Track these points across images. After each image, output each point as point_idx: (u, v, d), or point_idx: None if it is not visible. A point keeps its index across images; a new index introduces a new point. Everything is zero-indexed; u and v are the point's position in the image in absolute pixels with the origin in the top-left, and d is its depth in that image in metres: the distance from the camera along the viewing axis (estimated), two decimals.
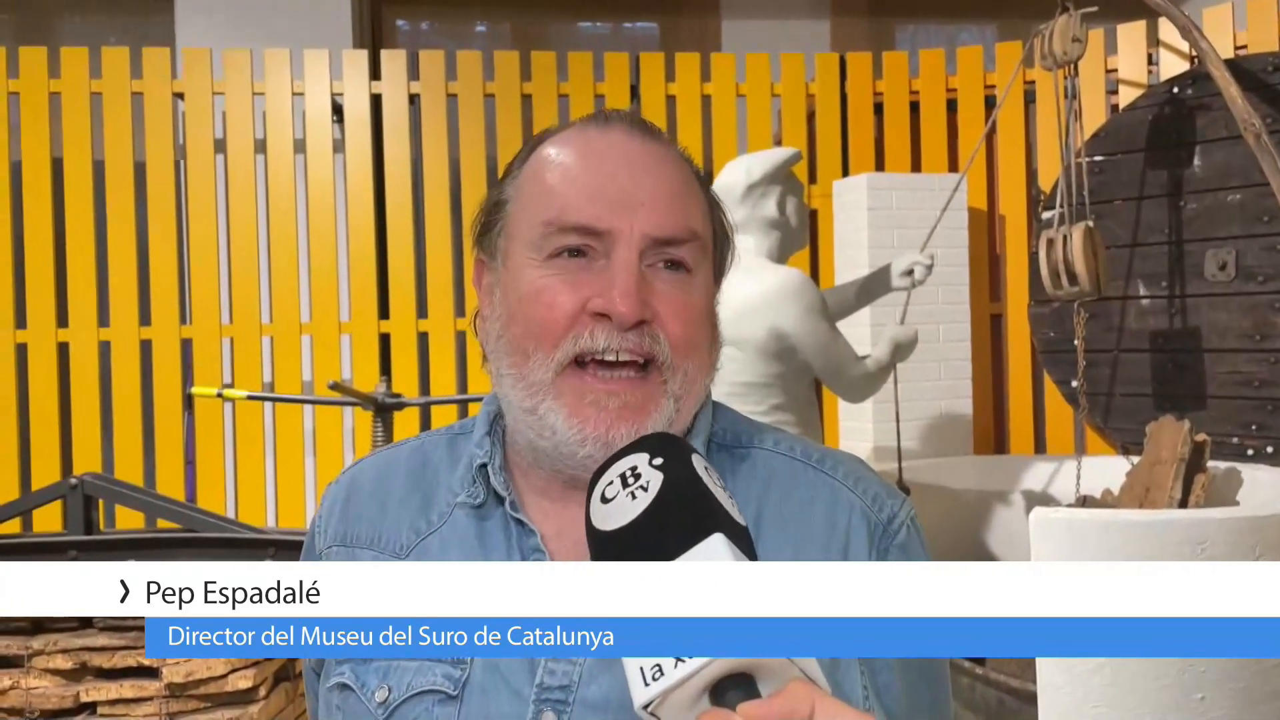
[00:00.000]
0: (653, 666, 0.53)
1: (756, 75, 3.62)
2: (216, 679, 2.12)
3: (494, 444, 0.80)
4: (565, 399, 0.73)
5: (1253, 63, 2.82)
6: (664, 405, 0.73)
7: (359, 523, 0.82)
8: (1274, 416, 2.78)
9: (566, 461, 0.74)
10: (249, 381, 3.44)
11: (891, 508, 0.79)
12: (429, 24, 4.82)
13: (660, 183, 0.75)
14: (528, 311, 0.74)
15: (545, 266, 0.74)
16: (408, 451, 0.86)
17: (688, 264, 0.75)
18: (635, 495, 0.61)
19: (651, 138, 0.78)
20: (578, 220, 0.73)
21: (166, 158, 3.48)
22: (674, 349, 0.73)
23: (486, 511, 0.78)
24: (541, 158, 0.77)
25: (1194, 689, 1.86)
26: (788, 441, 0.82)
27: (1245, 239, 2.85)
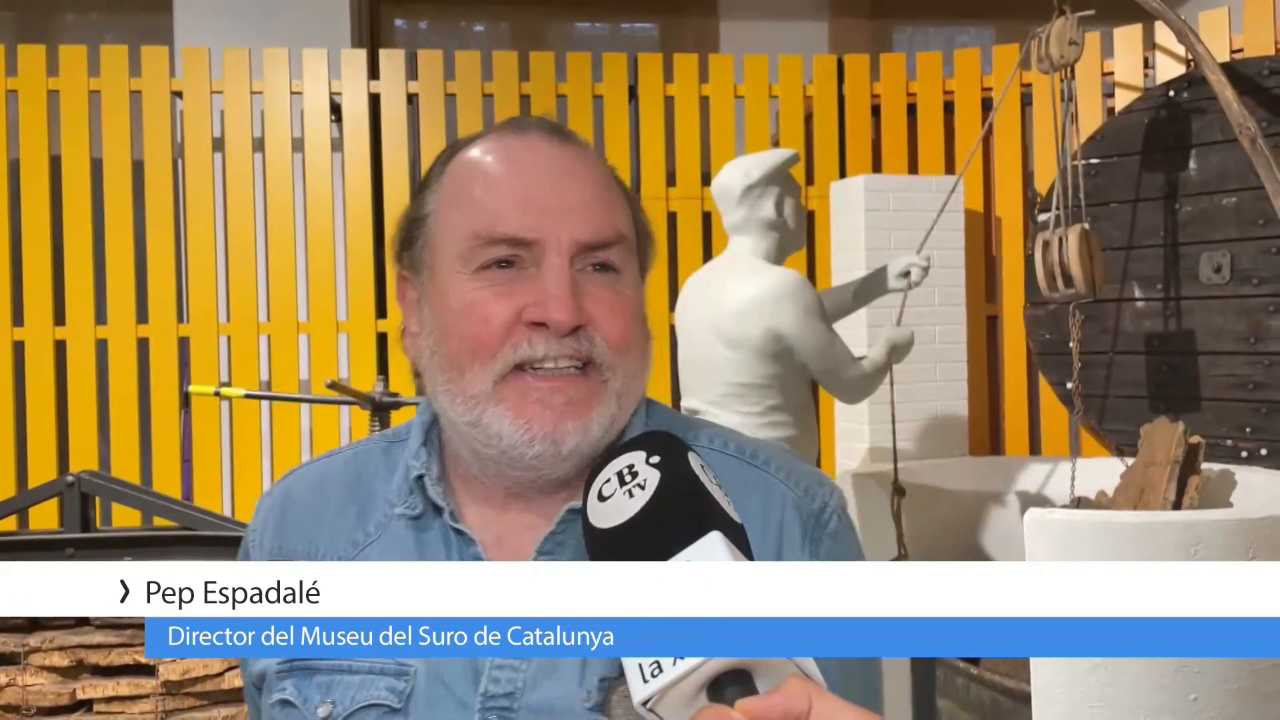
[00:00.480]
0: (651, 663, 0.53)
1: (754, 77, 3.63)
2: (213, 677, 2.13)
3: (430, 454, 0.79)
4: (508, 403, 0.72)
5: (1248, 66, 2.83)
6: (607, 400, 0.74)
7: (294, 536, 0.81)
8: (1268, 419, 2.79)
9: (515, 465, 0.74)
10: (246, 380, 3.44)
11: (822, 497, 0.80)
12: (427, 24, 4.82)
13: (584, 187, 0.75)
14: (461, 326, 0.73)
15: (475, 279, 0.73)
16: (342, 462, 0.85)
17: (616, 265, 0.75)
18: (633, 493, 0.61)
19: (569, 142, 0.77)
20: (506, 231, 0.73)
21: (165, 156, 3.48)
22: (611, 349, 0.74)
23: (425, 522, 0.78)
24: (461, 168, 0.77)
25: (1189, 690, 1.87)
26: (721, 437, 0.82)
27: (1240, 242, 2.86)
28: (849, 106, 3.65)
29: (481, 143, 0.78)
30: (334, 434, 3.47)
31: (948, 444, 3.35)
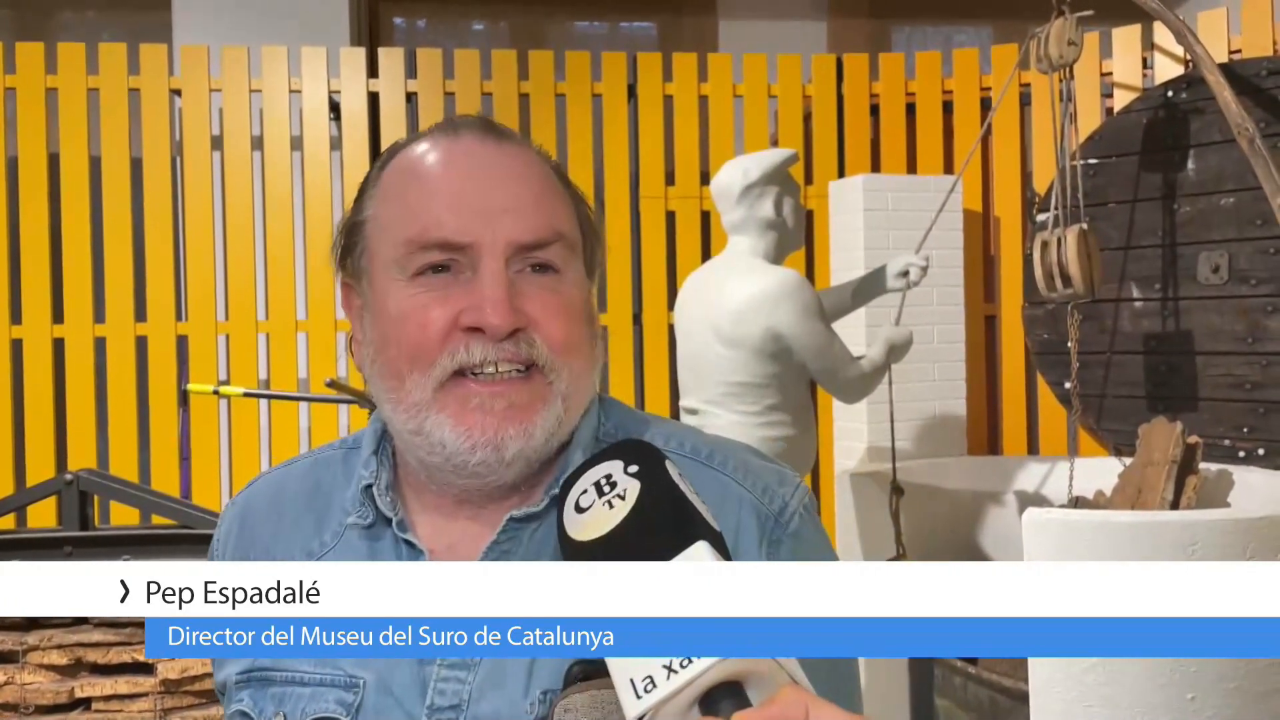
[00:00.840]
0: (644, 679, 0.53)
1: (754, 76, 3.63)
2: (211, 675, 2.13)
3: (380, 463, 0.78)
4: (449, 410, 0.71)
5: (1247, 67, 2.84)
6: (552, 403, 0.72)
7: (253, 545, 0.81)
8: (1266, 419, 2.80)
9: (459, 473, 0.73)
10: (245, 378, 3.44)
11: (783, 497, 0.78)
12: (426, 22, 4.82)
13: (519, 187, 0.73)
14: (398, 333, 0.72)
15: (411, 285, 0.72)
16: (301, 470, 0.84)
17: (556, 265, 0.74)
18: (612, 504, 0.60)
19: (505, 140, 0.76)
20: (439, 236, 0.71)
21: (163, 154, 3.48)
22: (553, 351, 0.72)
23: (377, 531, 0.77)
24: (395, 173, 0.76)
25: (1187, 689, 1.88)
26: (677, 437, 0.80)
27: (1238, 242, 2.87)
28: (848, 106, 3.66)
29: (415, 145, 0.76)
30: (332, 432, 3.47)
31: (946, 443, 3.35)
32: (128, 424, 3.43)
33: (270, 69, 3.50)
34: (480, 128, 0.76)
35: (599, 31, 4.89)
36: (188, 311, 3.50)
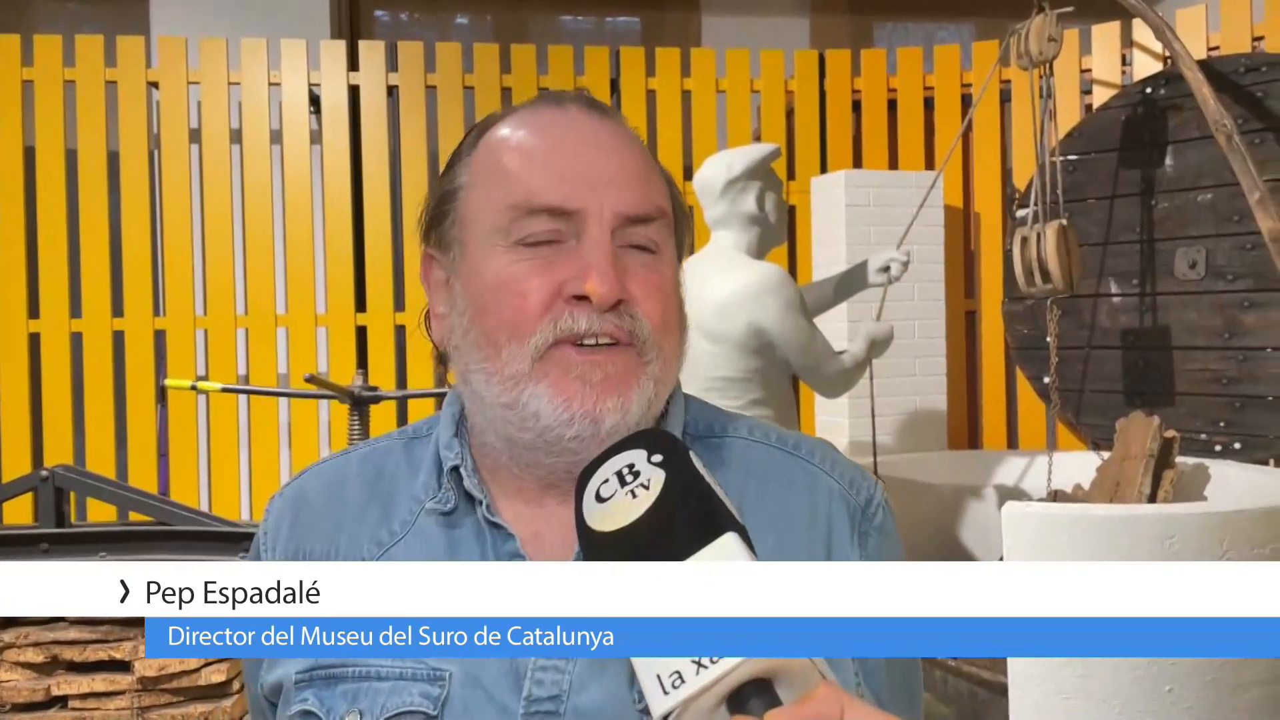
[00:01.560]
0: (671, 674, 0.51)
1: (736, 71, 3.63)
2: (189, 673, 2.11)
3: (464, 445, 0.76)
4: (549, 379, 0.69)
5: (1225, 64, 2.86)
6: (645, 382, 0.70)
7: (311, 538, 0.77)
8: (1242, 413, 2.82)
9: (552, 449, 0.71)
10: (223, 374, 3.41)
11: (867, 490, 0.78)
12: (408, 15, 4.79)
13: (625, 160, 0.72)
14: (499, 300, 0.70)
15: (513, 252, 0.70)
16: (358, 460, 0.81)
17: (657, 243, 0.73)
18: (636, 494, 0.58)
19: (607, 117, 0.75)
20: (547, 201, 0.70)
21: (140, 147, 3.44)
22: (653, 329, 0.71)
23: (457, 518, 0.74)
24: (496, 141, 0.74)
25: (1164, 681, 1.89)
26: (761, 429, 0.80)
27: (1215, 238, 2.89)
28: (830, 102, 3.66)
29: (517, 115, 0.75)
30: (312, 428, 3.45)
31: (926, 438, 3.36)
32: (105, 420, 3.40)
33: (249, 61, 3.47)
34: (585, 101, 0.75)
35: (583, 26, 4.87)
36: (165, 306, 3.47)
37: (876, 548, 0.76)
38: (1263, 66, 2.78)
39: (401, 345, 3.52)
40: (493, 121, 0.76)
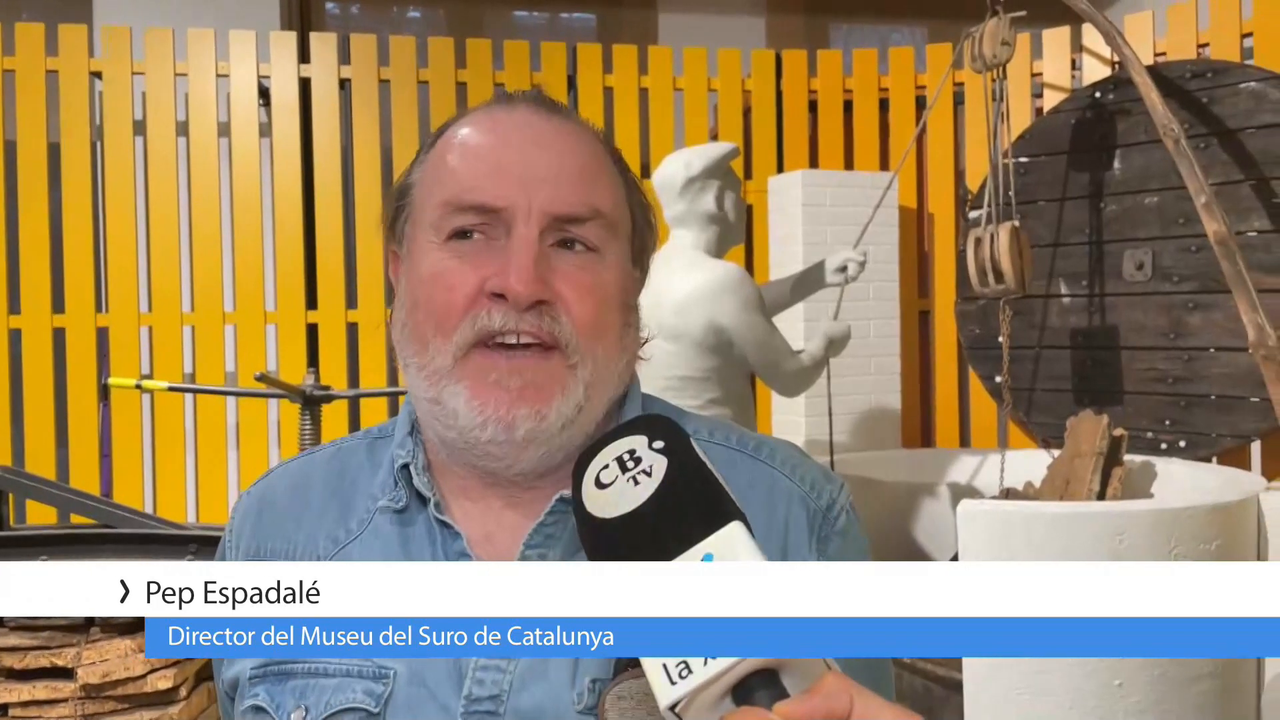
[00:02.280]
0: (678, 664, 0.51)
1: (694, 70, 3.62)
2: (135, 679, 2.05)
3: (416, 444, 0.76)
4: (466, 380, 0.70)
5: (1171, 69, 2.92)
6: (571, 389, 0.70)
7: (272, 536, 0.78)
8: (1187, 412, 2.89)
9: (473, 450, 0.71)
10: (169, 372, 3.33)
11: (830, 493, 0.77)
12: (359, 8, 4.72)
13: (563, 159, 0.72)
14: (427, 296, 0.71)
15: (444, 249, 0.71)
16: (324, 459, 0.82)
17: (592, 243, 0.72)
18: (638, 480, 0.57)
19: (558, 115, 0.75)
20: (474, 199, 0.70)
21: (83, 139, 3.35)
22: (579, 331, 0.70)
23: (409, 516, 0.75)
24: (446, 140, 0.75)
25: (1114, 676, 1.93)
26: (723, 430, 0.80)
27: (1162, 240, 2.95)
28: (786, 101, 3.68)
29: (470, 115, 0.76)
30: (261, 428, 3.38)
31: (881, 436, 3.39)
32: (45, 419, 3.30)
33: (196, 52, 3.39)
34: (536, 100, 0.75)
35: (537, 22, 4.84)
36: (108, 303, 3.38)
37: (838, 551, 0.76)
38: (1208, 72, 2.85)
39: (354, 343, 3.46)
40: (452, 121, 0.76)
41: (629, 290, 0.76)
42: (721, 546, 0.54)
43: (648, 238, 0.79)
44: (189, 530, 2.30)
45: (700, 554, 0.54)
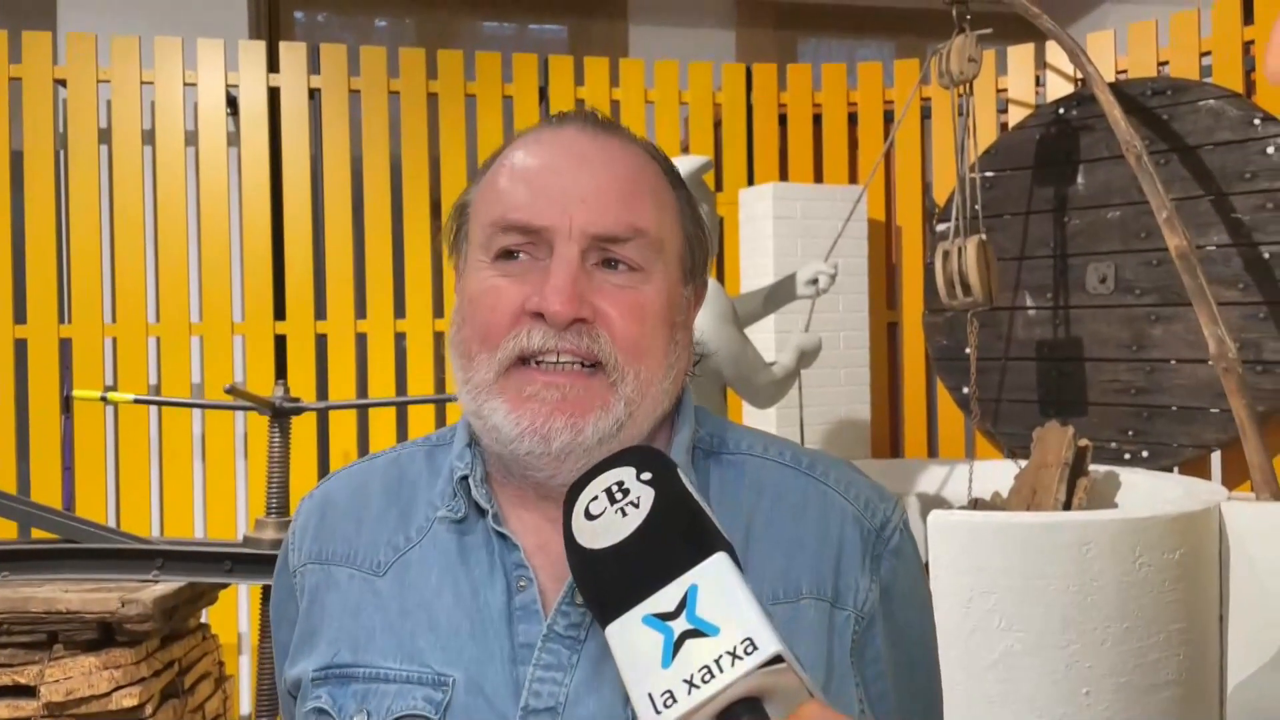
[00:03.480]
0: (663, 693, 0.52)
1: (665, 82, 3.64)
2: (99, 697, 2.02)
3: (475, 455, 0.77)
4: (506, 395, 0.71)
5: (1132, 87, 2.98)
6: (612, 406, 0.71)
7: (334, 540, 0.79)
8: (1149, 423, 2.94)
9: (517, 464, 0.73)
10: (134, 384, 3.28)
11: (884, 512, 0.77)
12: (327, 17, 4.70)
13: (606, 179, 0.73)
14: (475, 313, 0.73)
15: (492, 267, 0.73)
16: (384, 464, 0.83)
17: (635, 262, 0.73)
18: (625, 512, 0.58)
19: (605, 133, 0.76)
20: (517, 218, 0.72)
21: (46, 147, 3.30)
22: (620, 349, 0.71)
23: (468, 526, 0.76)
24: (500, 162, 0.77)
25: (1081, 684, 1.95)
26: (776, 446, 0.80)
27: (1124, 254, 3.01)
28: (757, 114, 3.70)
29: (523, 135, 0.78)
30: (228, 441, 3.34)
31: (851, 446, 3.42)
32: (5, 431, 3.24)
33: (163, 60, 3.35)
34: (585, 120, 0.77)
35: (507, 33, 4.84)
36: (71, 313, 3.33)
37: (890, 571, 0.76)
38: (1168, 90, 2.91)
39: (323, 355, 3.43)
40: (508, 142, 0.79)
41: (676, 308, 0.76)
42: (706, 578, 0.55)
43: (700, 255, 0.80)
44: (154, 545, 2.27)
45: (686, 585, 0.55)
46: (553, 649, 0.70)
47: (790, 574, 0.73)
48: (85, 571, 2.21)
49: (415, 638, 0.72)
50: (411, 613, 0.73)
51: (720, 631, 0.53)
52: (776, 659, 0.51)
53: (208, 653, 2.42)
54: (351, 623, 0.75)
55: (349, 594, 0.76)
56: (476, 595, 0.73)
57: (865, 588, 0.74)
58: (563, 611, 0.71)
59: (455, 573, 0.74)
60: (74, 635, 2.02)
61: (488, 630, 0.71)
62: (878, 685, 0.74)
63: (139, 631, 2.04)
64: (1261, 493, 2.31)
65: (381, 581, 0.76)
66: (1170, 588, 2.00)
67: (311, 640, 0.77)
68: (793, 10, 4.82)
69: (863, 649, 0.74)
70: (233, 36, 3.59)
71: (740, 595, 0.54)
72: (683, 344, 0.77)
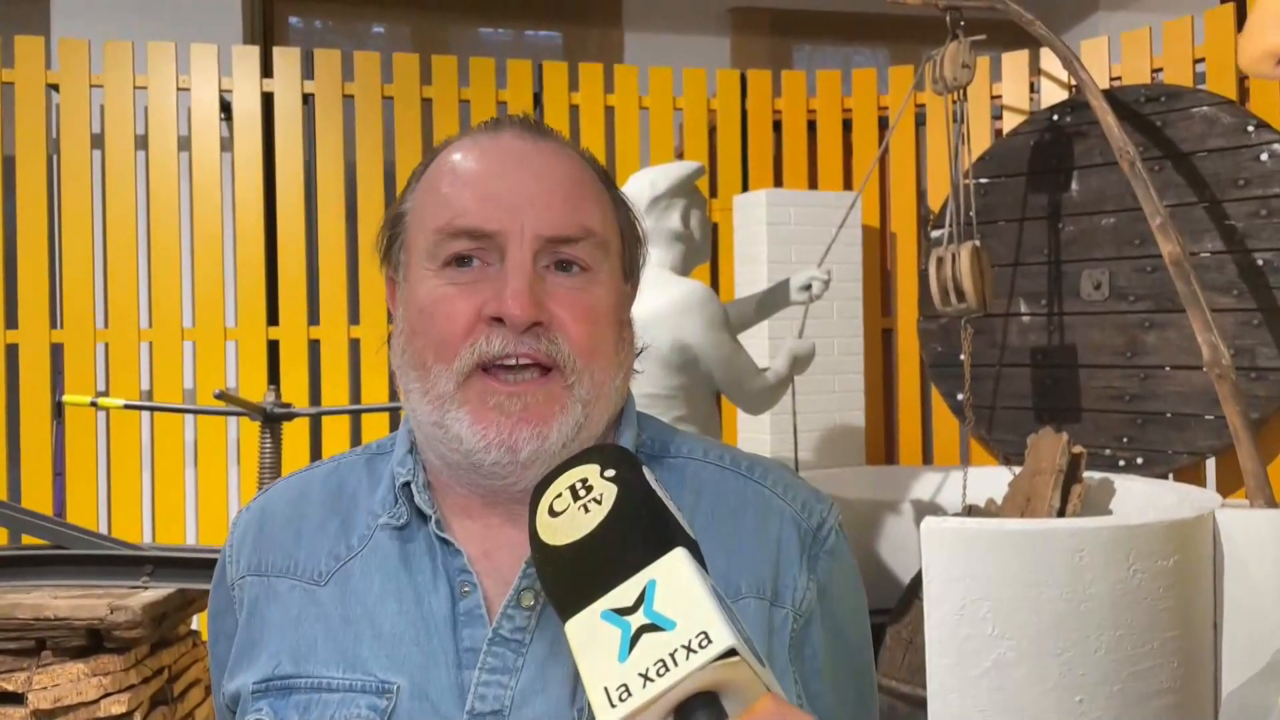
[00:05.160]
0: (619, 687, 0.52)
1: (659, 88, 3.64)
2: (87, 704, 2.00)
3: (416, 462, 0.78)
4: (469, 405, 0.71)
5: (1126, 93, 2.98)
6: (570, 409, 0.72)
7: (273, 551, 0.79)
8: (1143, 429, 2.93)
9: (477, 471, 0.73)
10: (126, 389, 3.27)
11: (820, 513, 0.80)
12: (322, 22, 4.70)
13: (551, 181, 0.74)
14: (426, 323, 0.73)
15: (440, 275, 0.73)
16: (323, 474, 0.83)
17: (585, 263, 0.74)
18: (588, 508, 0.58)
19: (543, 138, 0.77)
20: (466, 224, 0.72)
21: (39, 151, 3.29)
22: (575, 351, 0.72)
23: (410, 533, 0.76)
24: (436, 167, 0.77)
25: (1074, 692, 1.94)
26: (716, 450, 0.81)
27: (1118, 260, 3.01)
28: (751, 121, 3.70)
29: (458, 141, 0.78)
30: (220, 446, 3.33)
31: (845, 453, 3.41)
32: None
33: (156, 65, 3.34)
34: (521, 125, 0.77)
35: (502, 39, 4.84)
36: (63, 318, 3.31)
37: (826, 570, 0.78)
38: (1162, 97, 2.91)
39: (316, 360, 3.42)
40: (441, 148, 0.78)
41: (622, 306, 0.78)
42: (664, 572, 0.55)
43: (637, 252, 0.81)
44: (144, 551, 2.25)
45: (644, 580, 0.55)
46: (498, 653, 0.70)
47: (730, 574, 0.74)
48: (74, 578, 2.20)
49: (358, 646, 0.72)
50: (354, 621, 0.73)
51: (676, 626, 0.53)
52: (731, 652, 0.51)
53: (197, 660, 2.40)
54: (293, 633, 0.74)
55: (290, 605, 0.76)
56: (420, 602, 0.73)
57: (803, 586, 0.76)
58: (507, 615, 0.71)
59: (398, 580, 0.74)
60: (62, 642, 2.01)
61: (432, 636, 0.71)
62: (814, 683, 0.75)
63: (128, 638, 2.02)
64: (1255, 500, 2.31)
65: (323, 591, 0.75)
66: (1164, 595, 2.00)
67: (251, 653, 0.76)
68: (787, 17, 4.83)
69: (800, 646, 0.75)
70: (226, 42, 3.58)
71: (697, 591, 0.54)
72: (628, 341, 0.78)
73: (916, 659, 2.28)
